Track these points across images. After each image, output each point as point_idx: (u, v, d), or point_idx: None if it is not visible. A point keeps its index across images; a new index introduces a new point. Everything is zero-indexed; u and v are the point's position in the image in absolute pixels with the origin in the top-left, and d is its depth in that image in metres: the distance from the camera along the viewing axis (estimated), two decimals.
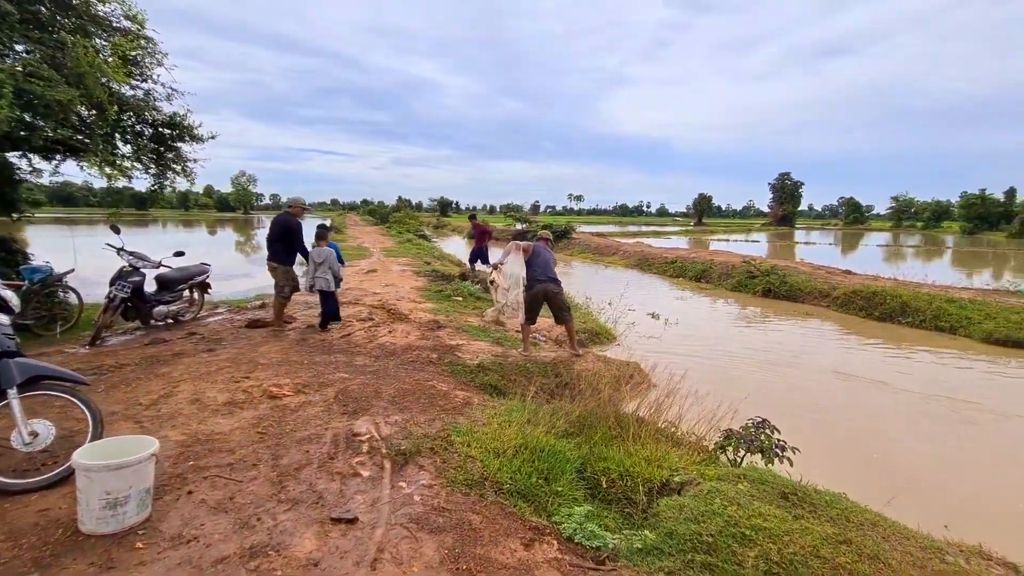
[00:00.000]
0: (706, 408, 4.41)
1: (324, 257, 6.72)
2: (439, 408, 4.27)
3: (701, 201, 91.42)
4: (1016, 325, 9.13)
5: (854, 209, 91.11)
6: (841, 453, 4.99)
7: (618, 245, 25.38)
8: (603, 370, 6.17)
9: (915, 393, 6.66)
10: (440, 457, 3.40)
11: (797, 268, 15.40)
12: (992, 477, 4.65)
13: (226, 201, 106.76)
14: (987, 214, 59.60)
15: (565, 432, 4.02)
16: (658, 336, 9.10)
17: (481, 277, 11.64)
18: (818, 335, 9.99)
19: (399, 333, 6.80)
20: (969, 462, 4.95)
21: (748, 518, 2.71)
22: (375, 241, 23.01)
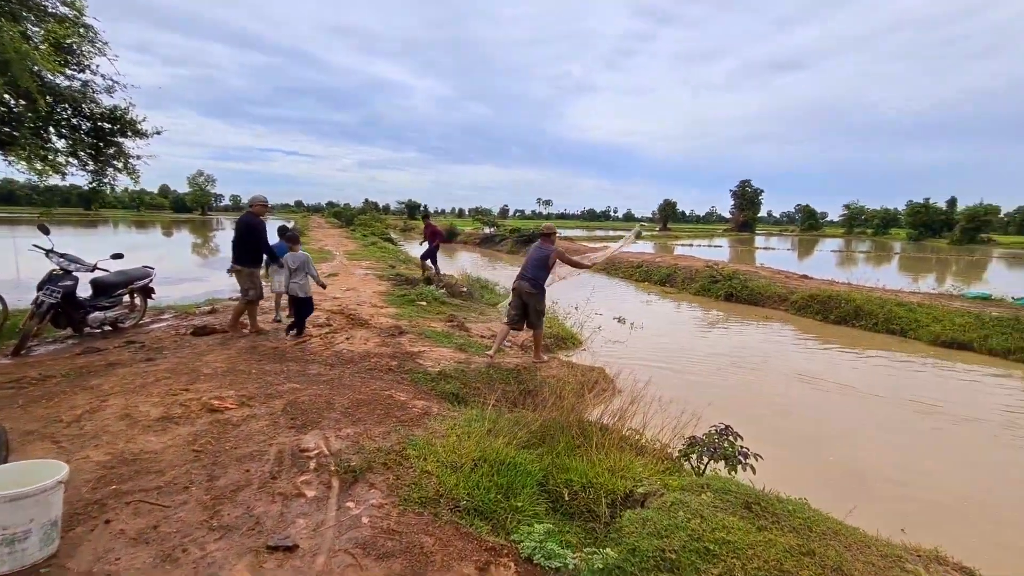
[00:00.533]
0: (670, 415, 4.34)
1: (300, 262, 6.42)
2: (396, 419, 4.06)
3: (666, 207, 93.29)
4: (960, 328, 9.54)
5: (809, 216, 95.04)
6: (802, 457, 5.02)
7: (586, 249, 25.48)
8: (568, 376, 6.08)
9: (874, 396, 6.83)
10: (393, 473, 3.20)
11: (757, 273, 15.78)
12: (949, 479, 4.75)
13: (182, 202, 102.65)
14: (931, 222, 63.07)
15: (527, 442, 3.87)
16: (623, 340, 9.09)
17: (447, 281, 11.43)
18: (778, 338, 10.20)
19: (358, 340, 6.52)
20: (926, 464, 5.05)
21: (712, 531, 2.62)
22: (338, 244, 22.42)
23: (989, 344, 8.95)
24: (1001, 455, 5.31)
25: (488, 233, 34.21)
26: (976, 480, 4.74)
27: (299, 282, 6.34)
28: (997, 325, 9.31)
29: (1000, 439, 5.65)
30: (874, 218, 79.58)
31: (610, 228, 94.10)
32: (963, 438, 5.67)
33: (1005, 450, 5.42)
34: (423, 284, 10.91)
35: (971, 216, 56.81)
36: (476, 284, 12.58)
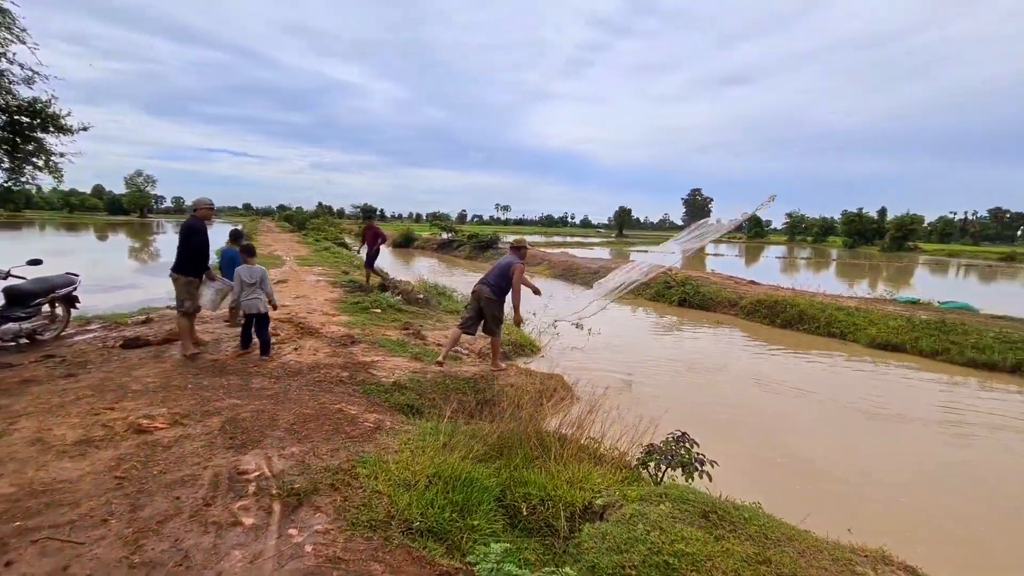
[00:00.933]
0: (628, 423, 4.33)
1: (258, 276, 5.74)
2: (345, 435, 3.85)
3: (621, 214, 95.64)
4: (894, 330, 10.13)
5: (755, 224, 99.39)
6: (755, 460, 5.13)
7: (544, 255, 25.67)
8: (526, 385, 6.00)
9: (820, 397, 7.10)
10: (341, 494, 3.01)
11: (709, 279, 16.28)
12: (891, 477, 4.96)
13: (119, 203, 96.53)
14: (864, 230, 67.38)
15: (484, 456, 3.75)
16: (581, 347, 9.10)
17: (403, 288, 11.15)
18: (729, 342, 10.51)
19: (306, 350, 6.21)
20: (871, 463, 5.26)
21: (671, 543, 2.59)
22: (288, 249, 21.58)
23: (920, 346, 9.54)
24: (939, 452, 5.60)
25: (446, 238, 33.87)
26: (916, 477, 4.97)
27: (257, 296, 5.78)
28: (926, 328, 9.94)
29: (939, 437, 5.97)
30: (813, 226, 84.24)
31: (567, 234, 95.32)
32: (904, 436, 5.95)
33: (944, 448, 5.72)
34: (378, 291, 10.60)
35: (899, 225, 61.07)
36: (433, 291, 12.35)
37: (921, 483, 4.86)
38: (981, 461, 5.37)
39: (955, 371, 8.68)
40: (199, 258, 5.78)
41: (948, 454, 5.52)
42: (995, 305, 13.85)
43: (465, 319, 6.32)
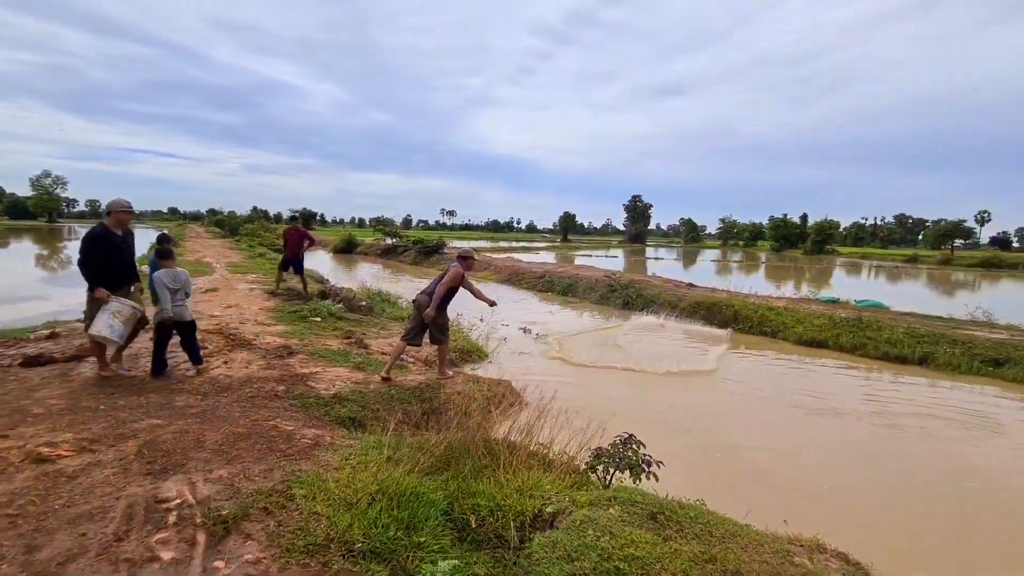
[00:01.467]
0: (577, 427, 4.33)
1: (183, 281, 5.28)
2: (280, 454, 3.60)
3: (566, 219, 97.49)
4: (818, 328, 10.85)
5: (692, 229, 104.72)
6: (697, 457, 5.28)
7: (490, 260, 25.65)
8: (474, 392, 5.90)
9: (755, 392, 7.45)
10: (275, 518, 2.79)
11: (651, 282, 16.83)
12: (821, 467, 5.25)
13: (23, 206, 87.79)
14: (789, 234, 72.27)
15: (432, 468, 3.63)
16: (529, 352, 9.12)
17: (345, 295, 10.74)
18: (670, 343, 10.85)
19: (238, 363, 5.82)
20: (802, 455, 5.55)
21: (621, 548, 2.58)
22: (219, 256, 20.34)
23: (841, 342, 10.27)
24: (865, 441, 5.98)
25: (390, 244, 33.16)
26: (844, 466, 5.28)
27: (183, 303, 5.29)
28: (845, 325, 10.72)
29: (865, 427, 6.39)
30: (744, 231, 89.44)
31: (513, 239, 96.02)
32: (831, 427, 6.32)
33: (869, 437, 6.11)
34: (317, 299, 10.15)
35: (819, 230, 66.03)
36: (377, 297, 12.00)
37: (848, 471, 5.18)
38: (903, 448, 5.80)
39: (872, 364, 9.39)
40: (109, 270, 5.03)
41: (872, 443, 5.92)
42: (903, 302, 15.19)
43: (408, 330, 6.18)
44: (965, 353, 9.04)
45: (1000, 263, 46.05)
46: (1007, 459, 5.54)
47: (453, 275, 5.94)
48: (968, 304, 13.02)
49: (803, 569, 2.67)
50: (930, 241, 75.16)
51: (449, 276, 5.94)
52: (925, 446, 5.83)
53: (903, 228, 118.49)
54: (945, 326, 10.83)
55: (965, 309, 12.67)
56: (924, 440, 5.97)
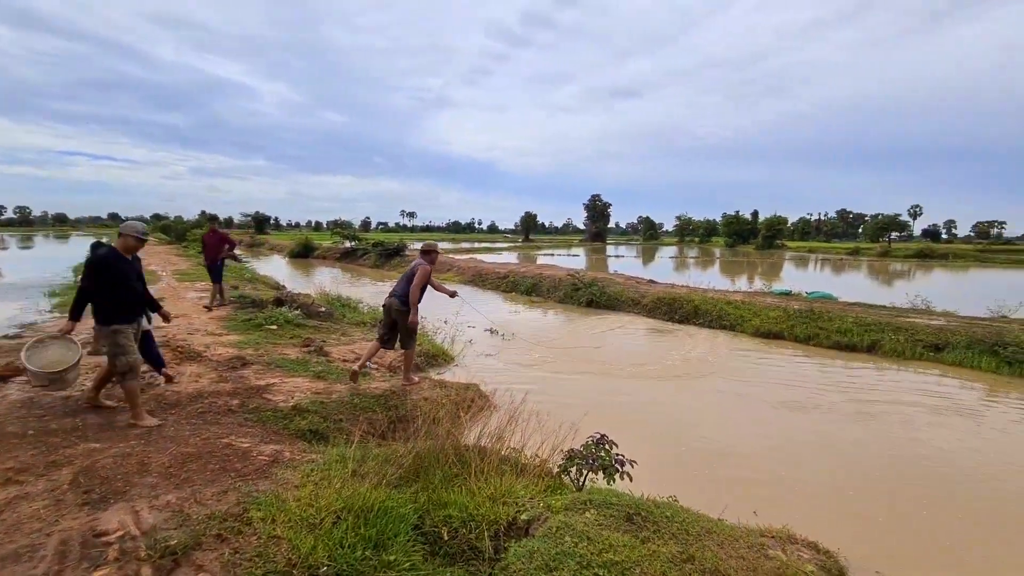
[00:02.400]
0: (548, 429, 4.26)
1: None
2: (235, 474, 3.36)
3: (527, 219, 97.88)
4: (774, 320, 11.23)
5: (650, 227, 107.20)
6: (667, 453, 5.32)
7: (452, 261, 25.39)
8: (441, 397, 5.75)
9: (719, 385, 7.60)
10: (231, 545, 2.59)
11: (613, 280, 17.03)
12: (786, 456, 5.37)
13: None
14: (741, 230, 75.03)
15: (400, 480, 3.48)
16: (495, 354, 9.02)
17: (302, 301, 10.33)
18: (633, 339, 10.99)
19: (187, 377, 5.46)
20: (767, 444, 5.67)
21: (599, 553, 2.52)
22: (165, 263, 19.27)
23: (795, 333, 10.66)
24: (830, 429, 6.18)
25: (349, 247, 32.33)
26: (809, 455, 5.43)
27: None
28: (799, 317, 11.14)
29: (826, 417, 6.61)
30: (699, 228, 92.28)
31: (475, 240, 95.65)
32: (793, 417, 6.50)
33: (833, 425, 6.31)
34: (272, 306, 9.72)
35: (769, 225, 68.83)
36: (337, 302, 11.62)
37: (813, 459, 5.33)
38: (867, 434, 6.01)
39: (824, 353, 9.78)
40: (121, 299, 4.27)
41: (832, 430, 6.12)
42: (849, 293, 15.95)
43: (382, 334, 6.08)
44: (909, 340, 9.55)
45: (932, 253, 49.28)
46: (967, 442, 5.84)
47: (423, 274, 5.79)
48: (908, 293, 13.80)
49: (778, 562, 2.68)
50: (869, 234, 79.61)
51: (419, 276, 5.77)
52: (886, 431, 6.06)
53: (844, 222, 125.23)
54: (889, 315, 11.41)
55: (906, 298, 13.41)
56: (887, 425, 6.22)
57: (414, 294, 5.77)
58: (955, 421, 6.39)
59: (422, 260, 5.93)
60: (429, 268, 5.86)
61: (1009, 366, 8.32)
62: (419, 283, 5.75)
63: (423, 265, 5.83)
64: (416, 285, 5.73)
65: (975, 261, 44.94)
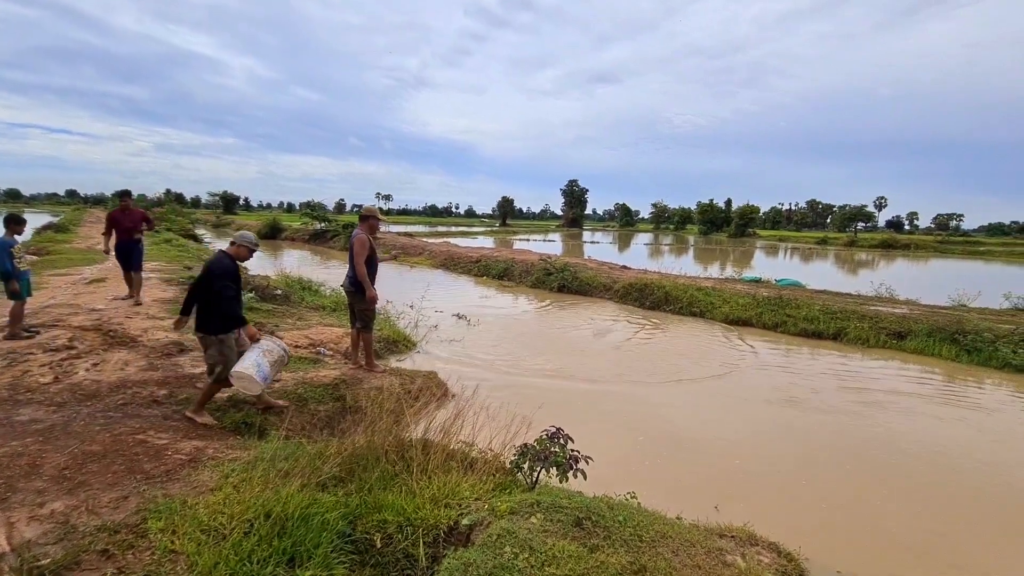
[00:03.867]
0: (502, 420, 3.98)
1: None
2: (142, 476, 2.99)
3: (504, 204, 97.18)
4: (743, 307, 11.20)
5: (626, 213, 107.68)
6: (630, 444, 5.12)
7: (424, 245, 24.86)
8: (394, 386, 5.42)
9: (684, 376, 7.46)
10: (116, 563, 2.24)
11: (586, 265, 16.84)
12: (748, 446, 5.24)
13: None
14: (714, 218, 75.92)
15: (334, 479, 3.16)
16: (460, 340, 8.70)
17: (257, 283, 9.79)
18: (604, 325, 10.80)
19: (112, 365, 4.99)
20: (728, 432, 5.53)
21: (541, 567, 2.26)
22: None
23: (763, 320, 10.64)
24: (795, 418, 6.09)
25: (319, 228, 31.38)
26: (771, 444, 5.30)
27: None
28: (767, 304, 11.13)
29: (797, 407, 6.53)
30: (675, 216, 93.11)
31: (452, 224, 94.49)
32: (763, 408, 6.38)
33: (799, 415, 6.23)
34: None
35: (742, 214, 69.85)
36: (296, 285, 11.08)
37: (775, 448, 5.21)
38: (833, 424, 5.94)
39: (792, 340, 9.78)
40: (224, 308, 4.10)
41: (802, 420, 6.03)
42: (817, 281, 16.13)
43: (351, 317, 5.89)
44: (873, 327, 9.61)
45: (896, 244, 50.79)
46: (937, 432, 5.81)
47: (360, 244, 5.39)
48: (873, 281, 13.98)
49: (736, 570, 2.47)
50: (837, 224, 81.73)
51: (357, 248, 5.39)
52: (859, 422, 5.99)
53: (814, 212, 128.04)
54: (855, 303, 11.50)
55: (871, 286, 13.58)
56: (844, 418, 6.17)
57: (359, 270, 5.40)
58: (930, 410, 6.38)
59: (358, 229, 5.53)
60: (365, 236, 5.45)
61: (968, 354, 8.42)
62: (359, 255, 5.37)
63: (359, 235, 5.43)
64: (358, 259, 5.36)
65: (935, 252, 46.50)
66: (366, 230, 5.52)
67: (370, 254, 5.54)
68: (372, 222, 5.59)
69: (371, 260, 5.55)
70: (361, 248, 5.40)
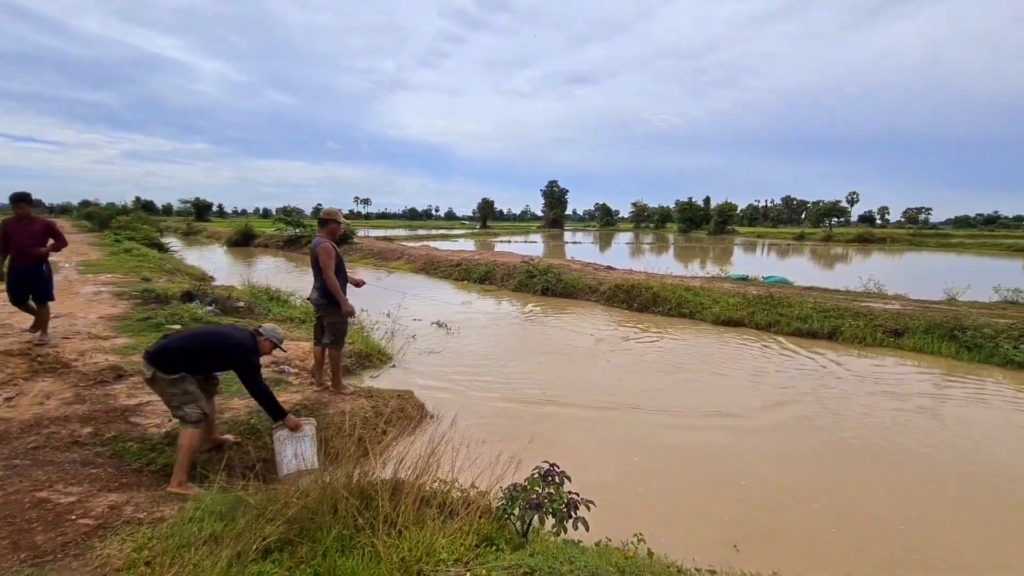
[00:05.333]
0: (488, 452, 3.43)
1: None
2: (30, 552, 2.35)
3: (485, 205, 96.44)
4: (733, 307, 10.83)
5: (606, 213, 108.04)
6: (631, 471, 4.61)
7: (403, 249, 24.16)
8: (365, 409, 4.83)
9: (674, 390, 6.99)
10: None
11: (569, 266, 16.38)
12: (776, 473, 4.77)
13: None
14: (694, 216, 76.53)
15: (281, 542, 2.57)
16: (440, 351, 8.12)
17: (217, 295, 9.05)
18: (593, 329, 10.33)
19: (29, 398, 4.29)
20: (744, 458, 5.07)
21: None
22: (76, 252, 17.16)
23: (756, 320, 10.28)
24: (815, 442, 5.66)
25: (293, 234, 30.36)
26: (798, 468, 4.84)
27: None
28: (758, 303, 10.78)
29: (811, 421, 6.10)
30: (655, 214, 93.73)
31: (432, 227, 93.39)
32: (788, 426, 5.92)
33: (815, 433, 5.80)
34: (178, 301, 8.43)
35: (720, 212, 70.49)
36: (264, 295, 10.36)
37: (803, 472, 4.75)
38: (876, 444, 5.52)
39: (787, 340, 9.41)
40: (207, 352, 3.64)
41: (817, 441, 5.60)
42: (802, 277, 15.94)
43: (317, 334, 5.23)
44: (868, 325, 9.30)
45: (872, 238, 51.64)
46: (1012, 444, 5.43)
47: (325, 253, 4.82)
48: (862, 277, 13.78)
49: None
50: (812, 220, 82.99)
51: (323, 257, 4.82)
52: (896, 438, 5.58)
53: (789, 209, 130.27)
54: (845, 299, 11.24)
55: (859, 281, 13.38)
56: (898, 431, 5.75)
57: (331, 282, 4.82)
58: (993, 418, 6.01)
59: (319, 237, 4.95)
60: (330, 244, 4.87)
61: (968, 351, 8.15)
62: (327, 265, 4.81)
63: (322, 243, 4.84)
64: (327, 271, 4.79)
65: (909, 245, 47.35)
66: (327, 235, 4.93)
67: (338, 262, 4.96)
68: (333, 226, 5.00)
69: (339, 269, 4.96)
70: (328, 258, 4.82)
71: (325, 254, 4.80)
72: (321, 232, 4.95)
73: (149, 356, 3.43)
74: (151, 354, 3.42)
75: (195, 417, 3.55)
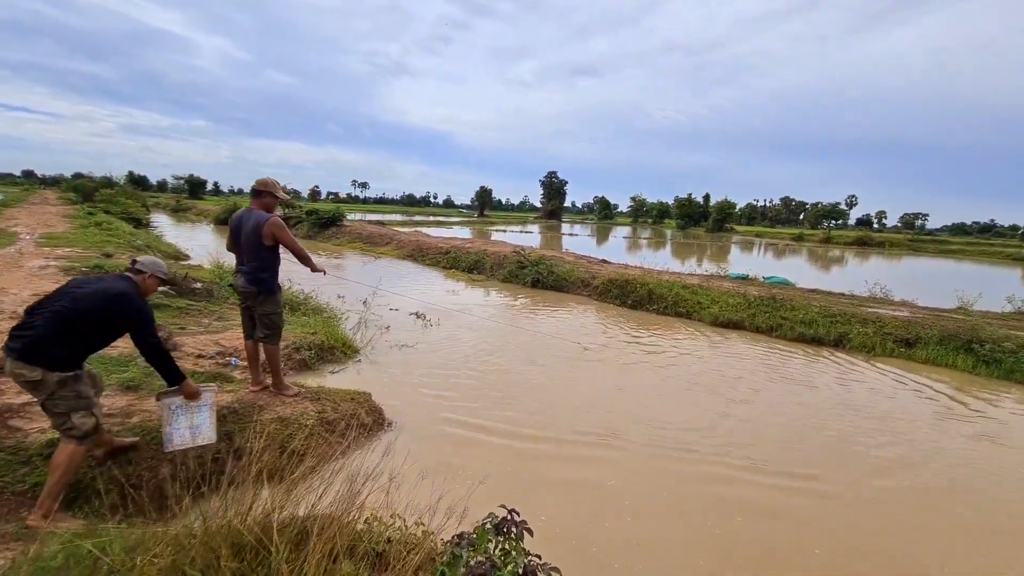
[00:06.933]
0: (445, 474, 2.76)
1: None
2: None
3: (483, 194, 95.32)
4: (733, 308, 10.19)
5: (605, 207, 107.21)
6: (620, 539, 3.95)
7: (393, 234, 23.37)
8: (308, 415, 4.15)
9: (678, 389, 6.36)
10: None
11: (563, 258, 15.70)
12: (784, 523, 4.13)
13: None
14: (692, 213, 75.86)
15: None
16: (413, 344, 7.43)
17: (173, 275, 8.31)
18: (583, 331, 9.67)
19: None
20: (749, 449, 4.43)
21: None
22: (42, 224, 16.30)
23: (756, 323, 9.64)
24: (822, 441, 5.04)
25: (284, 215, 29.49)
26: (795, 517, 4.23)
27: None
28: (760, 305, 10.14)
29: (824, 428, 5.49)
30: (653, 210, 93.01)
31: (429, 214, 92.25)
32: (786, 425, 5.33)
33: (818, 433, 5.19)
34: None
35: (719, 210, 69.81)
36: (229, 276, 9.61)
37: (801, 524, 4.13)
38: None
39: (791, 347, 8.78)
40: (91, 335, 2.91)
41: (822, 441, 4.98)
42: (803, 278, 15.33)
43: (247, 328, 4.47)
44: (877, 333, 8.68)
45: (871, 241, 51.23)
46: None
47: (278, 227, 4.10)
48: (868, 280, 13.18)
49: None
50: (810, 221, 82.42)
51: (282, 232, 4.13)
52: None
53: (788, 209, 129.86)
54: (851, 303, 10.64)
55: (865, 285, 12.77)
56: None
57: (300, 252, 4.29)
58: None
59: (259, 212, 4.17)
60: (278, 218, 4.16)
61: (987, 365, 7.53)
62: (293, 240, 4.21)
63: (271, 219, 4.11)
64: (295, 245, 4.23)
65: (908, 250, 46.98)
66: (261, 209, 4.19)
67: (287, 241, 4.23)
68: (268, 200, 4.26)
69: (275, 250, 4.24)
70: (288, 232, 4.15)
71: (279, 227, 4.09)
72: (255, 204, 4.22)
73: (23, 353, 2.72)
74: (24, 351, 2.71)
75: (85, 429, 2.87)
